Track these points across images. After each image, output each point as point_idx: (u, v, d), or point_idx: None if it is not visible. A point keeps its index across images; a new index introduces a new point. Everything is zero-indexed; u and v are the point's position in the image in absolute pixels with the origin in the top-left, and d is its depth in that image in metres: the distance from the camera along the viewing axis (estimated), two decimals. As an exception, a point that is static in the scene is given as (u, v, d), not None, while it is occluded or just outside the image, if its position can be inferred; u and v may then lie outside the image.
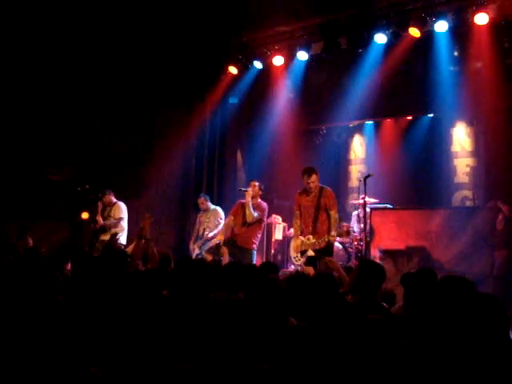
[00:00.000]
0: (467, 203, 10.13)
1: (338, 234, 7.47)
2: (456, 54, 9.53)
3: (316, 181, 7.37)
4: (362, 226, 8.76)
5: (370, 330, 2.78)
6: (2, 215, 9.21)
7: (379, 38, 9.03)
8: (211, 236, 9.10)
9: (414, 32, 8.74)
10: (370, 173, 7.11)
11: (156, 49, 10.50)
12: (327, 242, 7.09)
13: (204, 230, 9.29)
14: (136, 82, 10.92)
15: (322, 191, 7.42)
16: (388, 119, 11.49)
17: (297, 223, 7.65)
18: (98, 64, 10.35)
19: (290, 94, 11.32)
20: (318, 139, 12.25)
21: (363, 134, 11.96)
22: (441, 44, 9.10)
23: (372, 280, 4.02)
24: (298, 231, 7.59)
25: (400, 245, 7.68)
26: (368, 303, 3.75)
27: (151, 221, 6.92)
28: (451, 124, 10.65)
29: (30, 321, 2.96)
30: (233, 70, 10.69)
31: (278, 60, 10.17)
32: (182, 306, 3.39)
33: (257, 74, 10.70)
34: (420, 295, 3.67)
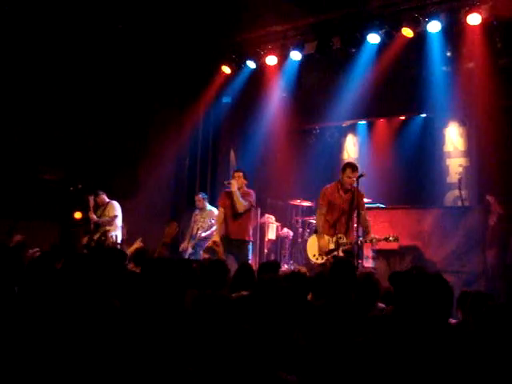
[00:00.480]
0: (459, 203, 10.16)
1: (386, 239, 7.13)
2: (449, 54, 9.56)
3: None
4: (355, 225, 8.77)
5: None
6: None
7: (372, 38, 9.04)
8: (204, 236, 9.06)
9: (407, 32, 8.75)
10: (363, 173, 7.02)
11: (149, 49, 10.48)
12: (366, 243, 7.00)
13: (198, 229, 9.25)
14: (129, 82, 10.91)
15: (355, 191, 7.15)
16: (381, 119, 11.52)
17: (322, 219, 7.26)
18: (91, 64, 10.33)
19: (283, 94, 11.33)
20: (311, 139, 12.27)
21: (356, 134, 11.99)
22: (434, 44, 9.11)
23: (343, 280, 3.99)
24: (325, 228, 7.23)
25: (393, 244, 7.68)
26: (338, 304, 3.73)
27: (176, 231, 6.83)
28: (444, 124, 10.69)
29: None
30: (226, 69, 10.68)
31: (271, 60, 10.17)
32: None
33: (250, 74, 10.69)
34: (409, 294, 3.66)
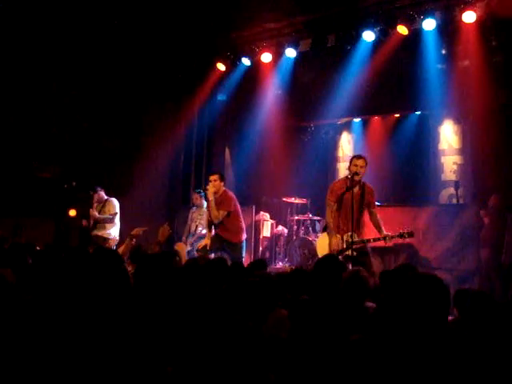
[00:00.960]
0: (454, 201, 10.19)
1: (400, 235, 6.72)
2: (444, 51, 9.55)
3: (364, 167, 6.71)
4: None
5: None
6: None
7: (367, 36, 9.05)
8: (204, 233, 9.02)
9: (402, 30, 8.76)
10: (357, 173, 6.92)
11: (144, 46, 10.46)
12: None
13: (196, 226, 9.23)
14: (124, 79, 10.89)
15: (364, 186, 6.83)
16: (376, 117, 11.52)
17: (332, 216, 6.88)
18: (86, 61, 10.31)
19: (278, 91, 11.31)
20: (306, 136, 12.25)
21: (351, 132, 11.99)
22: (429, 42, 9.11)
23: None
24: (336, 226, 6.84)
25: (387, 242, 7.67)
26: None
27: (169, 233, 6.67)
28: (439, 122, 10.69)
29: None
30: (221, 66, 10.67)
31: (266, 57, 10.16)
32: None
33: (245, 71, 10.68)
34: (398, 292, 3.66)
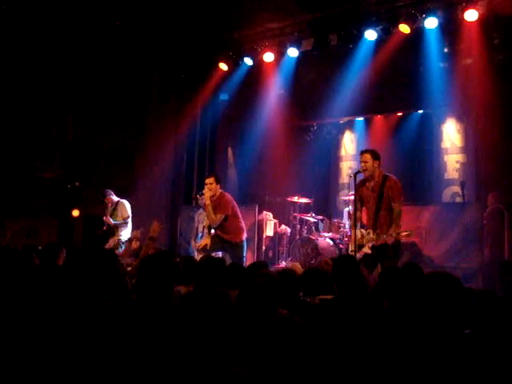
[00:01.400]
0: (457, 199, 10.19)
1: (408, 234, 6.43)
2: (446, 50, 9.55)
3: (370, 161, 6.56)
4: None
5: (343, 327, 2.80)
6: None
7: (369, 35, 9.03)
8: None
9: (404, 28, 8.74)
10: (360, 169, 6.91)
11: (146, 45, 10.47)
12: (386, 241, 6.34)
13: (204, 227, 9.21)
14: (126, 79, 10.90)
15: (385, 180, 6.57)
16: (378, 115, 11.53)
17: (357, 213, 6.73)
18: (88, 61, 10.33)
19: (281, 91, 11.31)
20: (309, 135, 12.27)
21: (354, 131, 12.00)
22: (431, 40, 9.10)
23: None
24: (358, 222, 6.72)
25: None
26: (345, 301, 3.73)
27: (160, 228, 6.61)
28: (441, 120, 10.70)
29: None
30: (223, 66, 10.66)
31: (268, 56, 10.15)
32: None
33: (247, 71, 10.66)
34: (403, 290, 3.67)
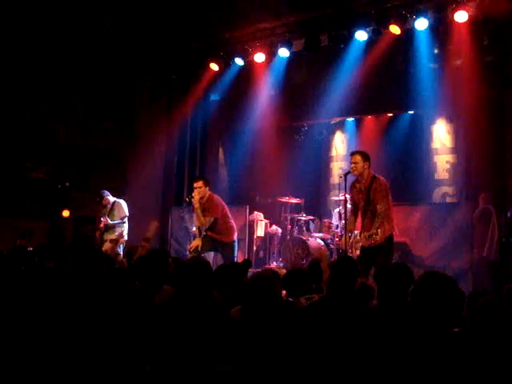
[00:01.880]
0: (447, 199, 10.23)
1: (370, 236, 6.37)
2: (436, 51, 9.60)
3: (360, 162, 6.56)
4: (343, 222, 8.77)
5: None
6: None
7: (360, 36, 9.06)
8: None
9: (395, 29, 8.78)
10: (350, 169, 6.91)
11: (137, 46, 10.44)
12: (376, 241, 6.32)
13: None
14: (117, 79, 10.88)
15: (373, 181, 6.56)
16: (369, 116, 11.55)
17: (351, 218, 6.81)
18: (79, 61, 10.30)
19: (272, 91, 11.31)
20: (300, 136, 12.26)
21: (344, 131, 12.01)
22: (421, 41, 9.15)
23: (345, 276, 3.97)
24: (348, 226, 6.76)
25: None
26: (339, 300, 3.74)
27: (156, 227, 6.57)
28: (431, 121, 10.73)
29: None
30: (214, 66, 10.66)
31: (259, 57, 10.16)
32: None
33: (238, 71, 10.68)
34: (393, 290, 3.68)
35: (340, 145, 12.05)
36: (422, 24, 8.59)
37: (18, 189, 10.10)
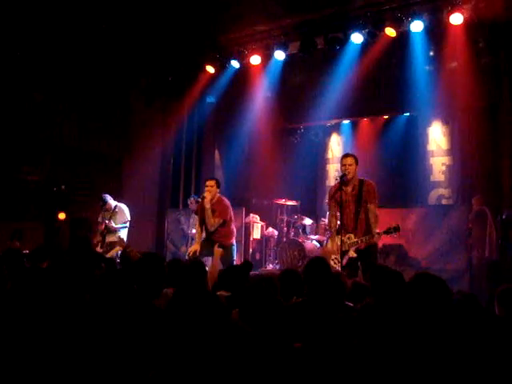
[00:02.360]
0: (443, 201, 10.26)
1: (386, 231, 6.50)
2: (431, 53, 9.62)
3: (354, 165, 6.64)
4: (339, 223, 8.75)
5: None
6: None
7: (356, 38, 9.07)
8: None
9: (390, 32, 8.79)
10: (344, 172, 6.91)
11: (133, 48, 10.44)
12: (370, 241, 6.43)
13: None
14: (113, 82, 10.87)
15: (363, 184, 6.70)
16: (365, 118, 11.56)
17: (332, 221, 6.89)
18: (75, 64, 10.28)
19: (268, 94, 11.33)
20: (296, 138, 12.28)
21: (340, 133, 12.02)
22: (416, 44, 9.17)
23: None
24: (336, 229, 6.77)
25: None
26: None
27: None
28: (427, 123, 10.75)
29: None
30: (210, 69, 10.66)
31: (255, 59, 10.16)
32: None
33: (234, 74, 10.67)
34: (387, 291, 3.70)
35: (336, 147, 12.06)
36: (417, 26, 8.60)
37: (14, 192, 10.08)
